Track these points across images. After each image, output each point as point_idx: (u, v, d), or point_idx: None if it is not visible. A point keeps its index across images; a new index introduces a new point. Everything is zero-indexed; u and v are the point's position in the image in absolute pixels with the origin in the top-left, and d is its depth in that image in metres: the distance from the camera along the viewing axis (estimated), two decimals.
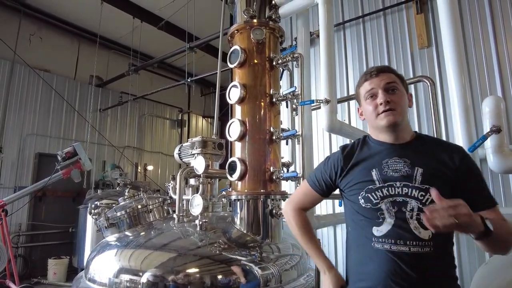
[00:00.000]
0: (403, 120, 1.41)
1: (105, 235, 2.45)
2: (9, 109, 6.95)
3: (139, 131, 9.60)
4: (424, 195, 1.29)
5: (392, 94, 1.39)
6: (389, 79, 1.41)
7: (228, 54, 2.38)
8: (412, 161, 1.36)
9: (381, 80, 1.41)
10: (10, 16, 7.08)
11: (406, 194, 1.31)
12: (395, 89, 1.40)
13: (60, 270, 6.31)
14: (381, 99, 1.38)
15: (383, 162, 1.40)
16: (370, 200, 1.37)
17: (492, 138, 2.07)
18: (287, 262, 2.05)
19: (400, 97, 1.40)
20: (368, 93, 1.44)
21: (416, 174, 1.33)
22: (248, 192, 2.14)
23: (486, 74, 3.43)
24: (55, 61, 7.90)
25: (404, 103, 1.41)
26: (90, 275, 2.06)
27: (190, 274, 1.75)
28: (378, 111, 1.39)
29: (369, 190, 1.38)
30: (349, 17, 4.60)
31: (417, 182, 1.32)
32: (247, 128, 2.21)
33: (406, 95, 1.45)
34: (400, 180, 1.34)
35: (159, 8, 7.38)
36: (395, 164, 1.38)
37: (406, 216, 1.29)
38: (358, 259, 1.41)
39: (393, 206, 1.32)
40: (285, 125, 2.48)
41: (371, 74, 1.44)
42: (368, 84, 1.44)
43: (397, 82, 1.42)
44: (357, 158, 1.48)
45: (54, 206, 7.34)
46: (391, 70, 1.47)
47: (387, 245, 1.28)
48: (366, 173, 1.42)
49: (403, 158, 1.38)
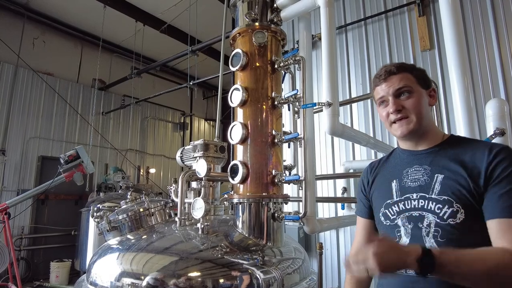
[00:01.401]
0: (421, 126, 1.24)
1: (107, 238, 2.45)
2: (12, 112, 6.99)
3: (142, 134, 9.63)
4: (442, 207, 1.12)
5: (404, 99, 1.25)
6: (399, 84, 1.25)
7: (230, 57, 2.38)
8: (433, 168, 1.20)
9: (389, 86, 1.27)
10: (14, 20, 7.14)
11: (423, 207, 1.17)
12: (408, 92, 1.25)
13: (62, 273, 6.31)
14: (391, 108, 1.25)
15: (404, 171, 1.28)
16: (388, 217, 1.26)
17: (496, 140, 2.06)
18: (290, 265, 2.03)
19: (415, 100, 1.24)
20: (379, 100, 1.32)
21: (435, 182, 1.17)
22: (250, 195, 2.13)
23: (489, 76, 3.42)
24: (58, 65, 7.95)
25: (420, 106, 1.24)
26: (92, 278, 2.06)
27: (192, 278, 1.75)
28: (390, 120, 1.28)
29: (387, 205, 1.28)
30: (351, 19, 4.60)
31: (434, 192, 1.16)
32: (249, 131, 2.21)
33: (426, 92, 1.29)
34: (417, 191, 1.20)
35: (162, 11, 7.43)
36: (415, 173, 1.24)
37: (422, 233, 1.16)
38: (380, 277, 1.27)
39: (409, 221, 1.20)
40: (287, 128, 2.48)
41: (380, 78, 1.31)
42: (378, 89, 1.31)
43: (411, 83, 1.26)
44: (381, 170, 1.40)
45: (57, 209, 7.36)
46: (403, 69, 1.29)
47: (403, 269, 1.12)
48: (387, 185, 1.32)
49: (423, 165, 1.24)
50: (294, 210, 2.32)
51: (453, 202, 1.11)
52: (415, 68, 1.32)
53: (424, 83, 1.30)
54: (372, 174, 1.42)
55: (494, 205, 1.05)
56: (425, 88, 1.29)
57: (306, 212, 2.18)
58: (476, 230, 1.08)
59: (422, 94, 1.27)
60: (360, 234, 1.46)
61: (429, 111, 1.31)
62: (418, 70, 1.32)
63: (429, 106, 1.30)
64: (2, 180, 6.69)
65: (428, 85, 1.31)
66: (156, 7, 7.34)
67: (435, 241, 1.12)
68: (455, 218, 1.10)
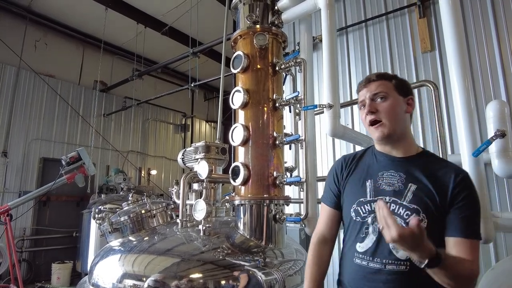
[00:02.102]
0: (396, 131, 1.34)
1: (108, 240, 2.46)
2: (14, 114, 7.01)
3: (143, 136, 9.64)
4: (410, 214, 1.25)
5: (379, 103, 1.35)
6: (377, 89, 1.36)
7: (232, 60, 2.39)
8: (408, 177, 1.32)
9: (368, 90, 1.38)
10: (16, 22, 7.17)
11: (393, 211, 1.28)
12: (384, 97, 1.35)
13: (64, 275, 6.31)
14: (366, 109, 1.37)
15: (379, 174, 1.37)
16: (360, 214, 1.36)
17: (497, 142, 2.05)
18: (291, 267, 2.04)
19: (389, 104, 1.34)
20: (360, 104, 1.43)
21: (408, 191, 1.29)
22: (251, 197, 2.14)
23: (490, 78, 3.42)
24: (60, 67, 7.97)
25: (393, 111, 1.34)
26: (94, 280, 2.06)
27: (193, 280, 1.75)
28: (367, 121, 1.37)
29: (360, 203, 1.37)
30: (352, 21, 4.61)
31: (406, 200, 1.28)
32: (250, 133, 2.21)
33: (404, 99, 1.38)
34: (390, 196, 1.31)
35: (163, 13, 7.45)
36: (389, 178, 1.34)
37: None
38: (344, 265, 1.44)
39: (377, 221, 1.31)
40: (288, 129, 2.48)
41: (361, 84, 1.43)
42: (359, 94, 1.43)
43: (387, 89, 1.36)
44: (356, 167, 1.47)
45: (58, 211, 7.37)
46: (383, 77, 1.40)
47: (365, 262, 1.29)
48: (361, 183, 1.40)
49: (398, 172, 1.34)
50: (295, 211, 2.31)
51: (420, 212, 1.24)
52: (395, 78, 1.42)
53: (402, 91, 1.39)
54: (347, 168, 1.49)
55: (455, 226, 1.22)
56: (402, 96, 1.38)
57: (307, 214, 2.19)
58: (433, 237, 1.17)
59: (398, 100, 1.37)
60: (323, 222, 1.54)
61: (406, 118, 1.39)
62: (398, 79, 1.42)
63: (406, 114, 1.39)
64: (4, 182, 6.70)
65: (407, 94, 1.40)
66: (157, 9, 7.36)
67: None
68: None
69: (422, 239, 1.04)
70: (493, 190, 3.14)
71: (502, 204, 3.11)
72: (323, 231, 1.52)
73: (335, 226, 1.53)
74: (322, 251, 1.50)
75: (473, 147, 1.82)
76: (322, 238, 1.52)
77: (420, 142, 3.75)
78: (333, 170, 1.55)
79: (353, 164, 1.49)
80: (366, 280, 1.29)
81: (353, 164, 1.49)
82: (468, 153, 1.82)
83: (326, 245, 1.51)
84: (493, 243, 3.05)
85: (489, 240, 1.88)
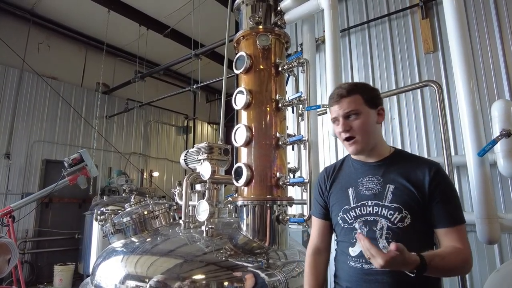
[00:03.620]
0: (369, 144, 1.43)
1: (111, 241, 2.45)
2: (17, 116, 7.04)
3: (145, 138, 9.65)
4: (393, 213, 1.33)
5: (352, 120, 1.41)
6: (348, 107, 1.41)
7: (234, 60, 2.39)
8: (385, 179, 1.40)
9: (340, 108, 1.43)
10: (19, 25, 7.21)
11: (377, 213, 1.36)
12: (356, 114, 1.41)
13: (66, 277, 6.31)
14: (340, 128, 1.43)
15: (358, 180, 1.46)
16: (346, 220, 1.44)
17: (502, 142, 2.04)
18: (294, 268, 2.02)
19: (362, 122, 1.41)
20: (333, 119, 1.49)
21: (387, 192, 1.37)
22: (254, 198, 2.13)
23: (493, 77, 3.40)
24: (63, 69, 8.00)
25: (366, 126, 1.41)
26: (96, 281, 2.06)
27: (196, 281, 1.74)
28: (342, 137, 1.45)
29: (345, 210, 1.45)
30: (354, 22, 4.60)
31: (387, 200, 1.36)
32: (253, 134, 2.21)
33: (375, 111, 1.45)
34: (372, 199, 1.39)
35: (165, 15, 7.47)
36: (368, 183, 1.43)
37: (376, 235, 1.35)
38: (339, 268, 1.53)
39: (365, 225, 1.38)
40: (291, 130, 2.48)
41: (333, 99, 1.47)
42: (331, 110, 1.48)
43: (359, 105, 1.41)
44: (337, 177, 1.57)
45: (61, 212, 7.38)
46: (353, 91, 1.44)
47: (359, 264, 1.37)
48: (344, 192, 1.49)
49: (376, 176, 1.43)
50: (298, 212, 2.30)
51: (402, 209, 1.33)
52: (365, 90, 1.47)
53: (372, 103, 1.45)
54: (329, 180, 1.58)
55: (442, 217, 1.32)
56: (373, 108, 1.45)
57: (310, 215, 2.17)
58: (419, 230, 1.33)
59: (369, 114, 1.43)
60: (315, 234, 1.64)
61: (377, 129, 1.48)
62: (369, 91, 1.48)
63: (377, 124, 1.47)
64: (6, 184, 6.72)
65: (377, 105, 1.47)
66: (159, 11, 7.39)
67: (386, 242, 1.32)
68: (403, 222, 1.32)
69: (405, 258, 1.11)
70: (497, 190, 3.11)
71: (507, 205, 3.08)
72: (317, 243, 1.62)
73: (327, 236, 1.63)
74: (318, 262, 1.60)
75: (478, 147, 1.81)
76: (316, 250, 1.61)
77: (423, 143, 3.73)
78: (317, 184, 1.65)
79: (334, 175, 1.58)
80: (363, 281, 1.36)
81: (334, 175, 1.58)
82: (473, 153, 1.81)
83: (321, 256, 1.61)
84: (498, 244, 3.02)
85: (494, 241, 1.87)
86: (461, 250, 1.28)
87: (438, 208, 1.32)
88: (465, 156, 1.91)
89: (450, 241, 1.30)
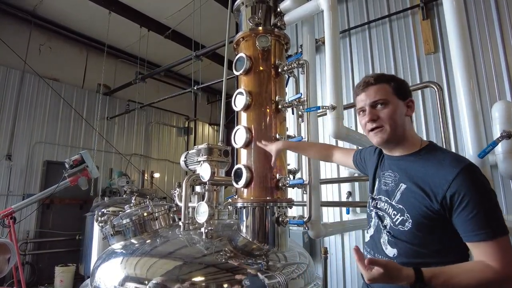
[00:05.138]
0: (395, 135, 1.33)
1: (111, 242, 2.45)
2: (19, 117, 7.06)
3: (146, 139, 9.67)
4: (396, 214, 1.30)
5: (380, 110, 1.33)
6: (376, 96, 1.33)
7: (234, 62, 2.38)
8: (400, 177, 1.33)
9: (367, 96, 1.35)
10: (21, 27, 7.24)
11: (385, 210, 1.36)
12: (383, 103, 1.32)
13: (66, 278, 6.31)
14: (367, 117, 1.35)
15: (382, 174, 1.45)
16: (369, 206, 1.50)
17: (503, 143, 2.03)
18: (294, 270, 2.02)
19: (390, 111, 1.31)
20: (359, 109, 1.42)
21: (397, 191, 1.32)
22: (254, 199, 2.12)
23: (494, 78, 3.39)
24: (64, 70, 8.03)
25: (394, 116, 1.31)
26: (96, 283, 2.05)
27: (195, 283, 1.73)
28: (367, 128, 1.37)
29: (369, 197, 1.52)
30: (355, 23, 4.61)
31: (394, 199, 1.32)
32: (253, 135, 2.20)
33: (403, 102, 1.35)
34: (385, 195, 1.39)
35: (166, 17, 7.49)
36: (387, 178, 1.40)
37: (382, 230, 1.36)
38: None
39: (377, 217, 1.40)
40: (291, 131, 2.47)
41: (359, 88, 1.40)
42: (358, 99, 1.41)
43: (387, 94, 1.33)
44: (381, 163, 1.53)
45: (62, 214, 7.39)
46: (381, 80, 1.37)
47: (366, 252, 1.44)
48: (372, 181, 1.53)
49: (394, 172, 1.38)
50: (298, 214, 2.30)
51: (405, 212, 1.27)
52: (393, 79, 1.38)
53: (401, 94, 1.36)
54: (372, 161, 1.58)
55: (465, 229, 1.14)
56: (402, 99, 1.36)
57: (310, 217, 2.16)
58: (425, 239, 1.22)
59: (398, 105, 1.34)
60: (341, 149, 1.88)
61: (406, 120, 1.37)
62: (397, 81, 1.38)
63: (406, 116, 1.36)
64: (8, 185, 6.74)
65: (406, 96, 1.38)
66: (160, 13, 7.40)
67: (387, 240, 1.32)
68: (403, 226, 1.26)
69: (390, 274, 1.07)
70: (498, 192, 3.10)
71: (508, 207, 3.06)
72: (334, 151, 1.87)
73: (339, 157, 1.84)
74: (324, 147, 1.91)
75: (479, 148, 1.80)
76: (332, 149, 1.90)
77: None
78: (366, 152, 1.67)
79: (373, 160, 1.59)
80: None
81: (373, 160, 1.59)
82: (473, 155, 1.80)
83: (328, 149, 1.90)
84: None
85: None
86: (494, 271, 1.07)
87: (459, 219, 1.14)
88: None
89: (482, 257, 1.11)
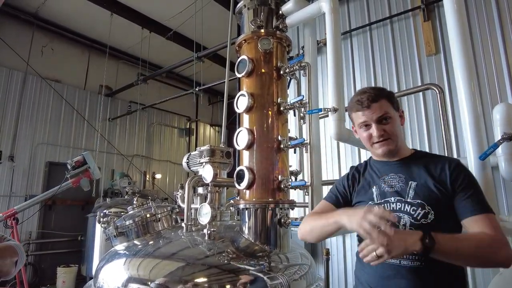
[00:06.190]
0: (397, 145, 1.46)
1: (113, 243, 2.46)
2: (21, 118, 7.09)
3: (148, 140, 9.69)
4: (416, 209, 1.34)
5: (385, 124, 1.44)
6: (381, 111, 1.43)
7: (236, 64, 2.40)
8: (407, 176, 1.43)
9: (373, 113, 1.44)
10: (23, 28, 7.27)
11: (400, 209, 1.38)
12: (388, 118, 1.44)
13: (69, 279, 6.33)
14: (375, 133, 1.43)
15: (381, 178, 1.49)
16: None
17: (504, 145, 2.04)
18: (296, 271, 2.03)
19: (393, 124, 1.44)
20: (362, 123, 1.48)
21: (409, 188, 1.39)
22: (256, 201, 2.13)
23: (496, 80, 3.39)
24: (66, 72, 8.06)
25: (397, 128, 1.45)
26: (99, 284, 2.07)
27: (198, 284, 1.75)
28: (372, 141, 1.46)
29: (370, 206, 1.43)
30: (356, 25, 4.61)
31: (409, 197, 1.37)
32: (255, 137, 2.21)
33: (398, 113, 1.49)
34: (395, 196, 1.41)
35: (167, 18, 7.51)
36: (391, 180, 1.46)
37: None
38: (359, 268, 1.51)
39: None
40: (292, 133, 2.48)
41: (363, 105, 1.45)
42: (361, 115, 1.47)
43: (388, 109, 1.44)
44: (363, 178, 1.58)
45: (64, 215, 7.41)
46: (381, 95, 1.46)
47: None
48: (367, 190, 1.52)
49: (398, 174, 1.46)
50: (300, 215, 2.31)
51: (425, 205, 1.33)
52: (390, 94, 1.51)
53: (396, 106, 1.50)
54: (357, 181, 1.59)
55: (464, 207, 1.30)
56: (397, 110, 1.50)
57: None
58: (444, 227, 1.27)
59: (397, 117, 1.48)
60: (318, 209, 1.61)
61: (401, 131, 1.51)
62: (392, 94, 1.52)
63: (400, 126, 1.50)
64: (10, 186, 6.76)
65: (398, 107, 1.52)
66: (162, 14, 7.43)
67: None
68: (426, 218, 1.32)
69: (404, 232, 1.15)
70: (500, 193, 3.10)
71: (510, 208, 3.07)
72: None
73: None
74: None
75: (480, 150, 1.81)
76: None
77: (425, 146, 3.73)
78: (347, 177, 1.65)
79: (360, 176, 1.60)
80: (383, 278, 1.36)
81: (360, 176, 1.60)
82: (474, 157, 1.81)
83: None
84: None
85: None
86: (489, 235, 1.21)
87: (460, 198, 1.31)
88: (467, 159, 1.91)
89: (478, 229, 1.25)
